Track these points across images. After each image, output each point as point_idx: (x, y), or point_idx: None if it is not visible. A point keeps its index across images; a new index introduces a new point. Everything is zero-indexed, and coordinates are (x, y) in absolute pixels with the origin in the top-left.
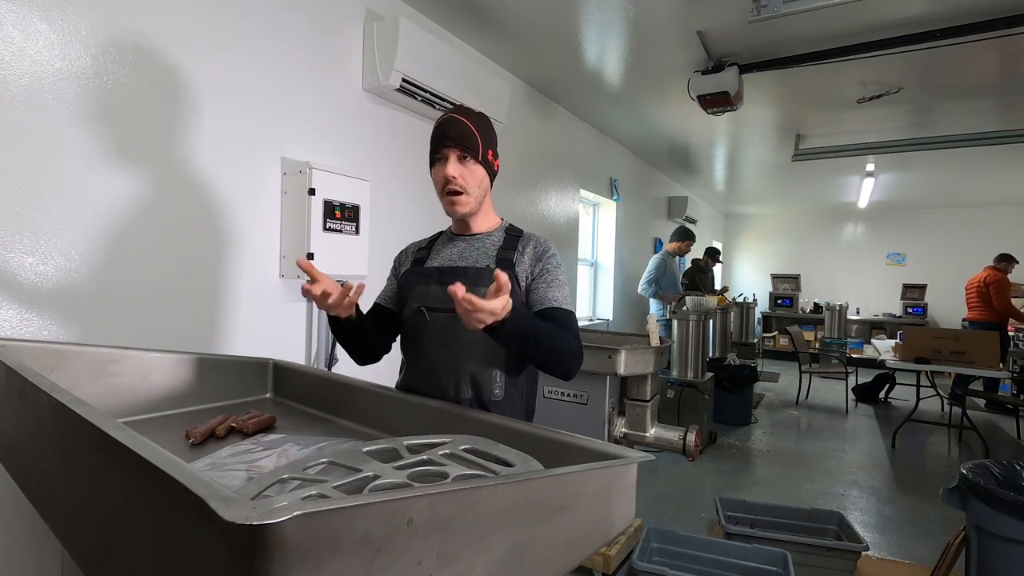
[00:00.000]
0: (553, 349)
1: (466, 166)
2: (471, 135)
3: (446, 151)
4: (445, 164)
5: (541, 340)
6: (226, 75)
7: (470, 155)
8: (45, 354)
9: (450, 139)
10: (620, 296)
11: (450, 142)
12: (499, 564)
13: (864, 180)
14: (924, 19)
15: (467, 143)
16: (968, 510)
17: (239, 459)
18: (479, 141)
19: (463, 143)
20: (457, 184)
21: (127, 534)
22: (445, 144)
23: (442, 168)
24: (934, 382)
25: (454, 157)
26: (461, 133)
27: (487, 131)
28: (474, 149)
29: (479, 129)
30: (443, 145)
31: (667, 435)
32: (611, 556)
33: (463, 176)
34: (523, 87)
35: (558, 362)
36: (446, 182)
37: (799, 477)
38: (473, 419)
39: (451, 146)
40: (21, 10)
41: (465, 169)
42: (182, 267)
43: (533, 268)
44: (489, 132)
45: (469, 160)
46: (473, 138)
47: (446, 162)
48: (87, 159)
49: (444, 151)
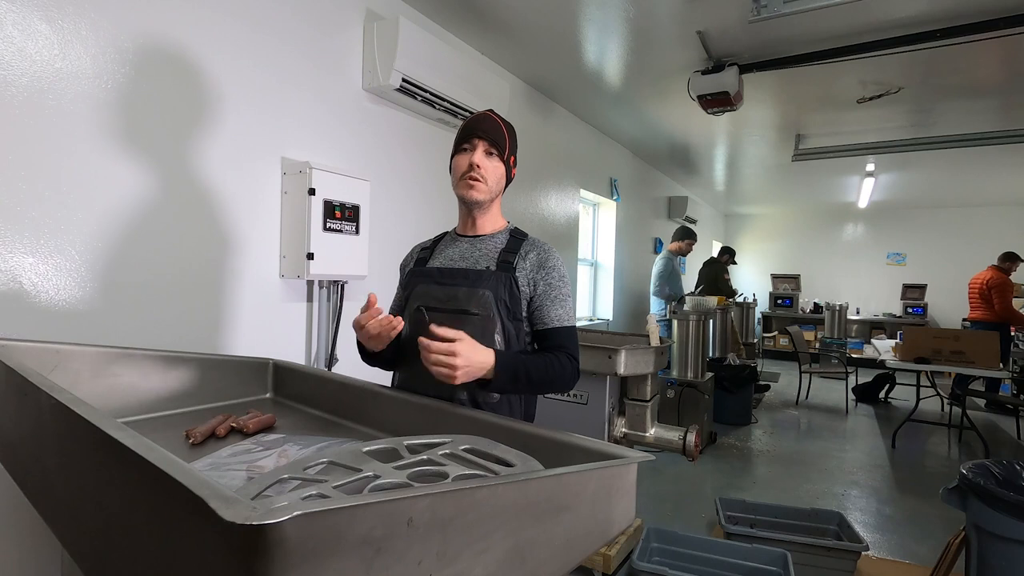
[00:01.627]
0: (547, 381)
1: (490, 160)
2: (501, 134)
3: (476, 141)
4: (472, 152)
5: (532, 377)
6: (226, 75)
7: (497, 151)
8: (45, 354)
9: (483, 131)
10: (620, 296)
11: (482, 133)
12: (499, 564)
13: (864, 180)
14: (924, 19)
15: (496, 139)
16: (968, 510)
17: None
18: (507, 142)
19: (493, 138)
20: (479, 172)
21: (127, 534)
22: (477, 135)
23: (468, 155)
24: (934, 382)
25: (482, 148)
26: (494, 129)
27: (513, 138)
28: (501, 147)
29: (508, 133)
30: (475, 135)
31: (667, 435)
32: (611, 556)
33: (486, 167)
34: (523, 87)
35: (554, 388)
36: (469, 168)
37: (799, 477)
38: (473, 419)
39: (482, 137)
40: (21, 10)
41: (489, 162)
42: (182, 267)
43: (534, 276)
44: (515, 140)
45: (495, 156)
46: (503, 137)
47: (474, 151)
48: (87, 159)
49: (474, 141)
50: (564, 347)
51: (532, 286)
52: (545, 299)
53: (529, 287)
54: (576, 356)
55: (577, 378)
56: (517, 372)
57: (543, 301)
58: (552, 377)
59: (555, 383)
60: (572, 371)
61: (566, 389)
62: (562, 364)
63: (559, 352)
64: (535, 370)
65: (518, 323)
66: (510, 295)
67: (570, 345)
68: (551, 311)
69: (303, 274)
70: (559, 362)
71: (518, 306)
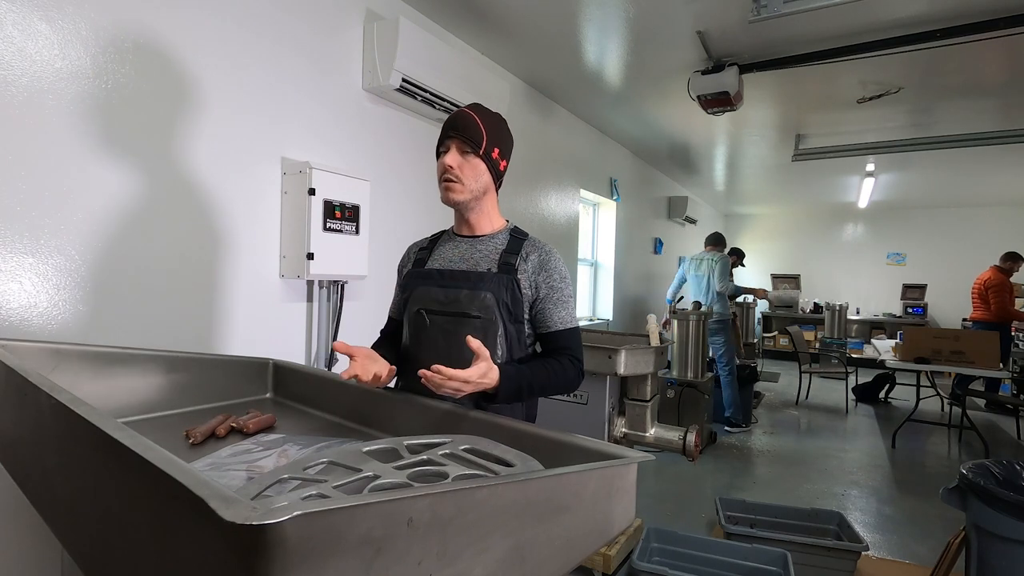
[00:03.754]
0: (552, 387)
1: (466, 159)
2: (476, 129)
3: (449, 142)
4: (446, 154)
5: (536, 386)
6: (226, 75)
7: (471, 148)
8: (45, 354)
9: (454, 130)
10: (620, 296)
11: (454, 133)
12: (499, 564)
13: (864, 180)
14: (924, 19)
15: (470, 136)
16: (968, 510)
17: (239, 459)
18: (484, 137)
19: (466, 135)
20: (452, 173)
21: (127, 534)
22: (449, 135)
23: (444, 158)
24: (934, 382)
25: (455, 148)
26: (466, 126)
27: (497, 131)
28: (476, 143)
29: (487, 126)
30: (447, 136)
31: (667, 435)
32: (611, 556)
33: (460, 167)
34: (523, 87)
35: (558, 391)
36: (444, 170)
37: (799, 477)
38: (473, 419)
39: (454, 137)
40: (21, 10)
41: (464, 161)
42: (182, 267)
43: (536, 277)
44: (499, 132)
45: (470, 153)
46: (478, 133)
47: (448, 152)
48: (87, 159)
49: (447, 142)
50: (568, 349)
51: (534, 288)
52: (548, 302)
53: (531, 289)
54: (580, 358)
55: (581, 379)
56: (521, 385)
57: (545, 304)
58: (556, 383)
59: (560, 388)
60: (576, 373)
61: (571, 391)
62: (565, 368)
63: (563, 355)
64: (539, 379)
65: (519, 325)
66: (512, 297)
67: (574, 347)
68: (554, 313)
69: (303, 274)
70: (563, 367)
71: (520, 308)
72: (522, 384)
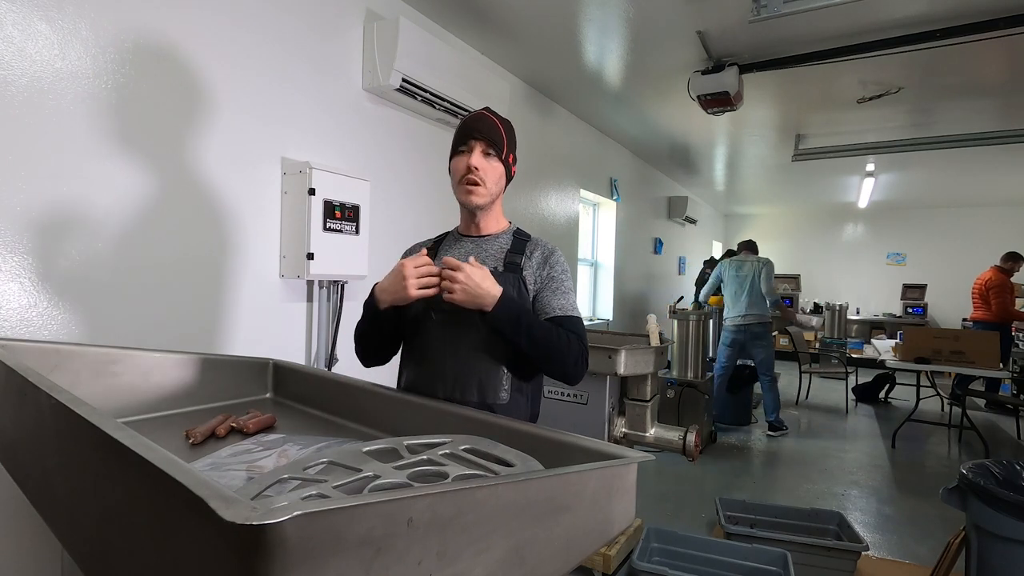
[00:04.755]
0: (549, 345)
1: (488, 161)
2: (499, 133)
3: (473, 143)
4: (469, 154)
5: (535, 333)
6: (226, 75)
7: (494, 151)
8: (45, 354)
9: (479, 132)
10: (620, 296)
11: (479, 135)
12: (499, 564)
13: (864, 180)
14: (924, 19)
15: (494, 139)
16: (968, 510)
17: (239, 459)
18: (504, 141)
19: (490, 138)
20: (478, 175)
21: (127, 534)
22: (473, 136)
23: (465, 158)
24: (934, 382)
25: (479, 149)
26: (490, 129)
27: (511, 135)
28: (499, 147)
29: (505, 131)
30: (471, 137)
31: (667, 435)
32: (611, 556)
33: (484, 169)
34: (523, 87)
35: (557, 361)
36: (467, 171)
37: (799, 477)
38: (473, 419)
39: (479, 139)
40: (21, 10)
41: (487, 163)
42: (182, 267)
43: (540, 272)
44: (513, 137)
45: (493, 156)
46: (500, 136)
47: (471, 153)
48: (87, 160)
49: (471, 143)
50: (572, 330)
51: (537, 282)
52: (547, 290)
53: (535, 284)
54: (583, 340)
55: (584, 363)
56: (520, 317)
57: (545, 292)
58: (555, 344)
59: (557, 353)
60: (578, 351)
61: (572, 369)
62: (568, 339)
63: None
64: (539, 327)
65: None
66: (519, 295)
67: (578, 330)
68: (553, 301)
69: (303, 274)
70: (565, 336)
71: (526, 305)
72: (521, 317)
